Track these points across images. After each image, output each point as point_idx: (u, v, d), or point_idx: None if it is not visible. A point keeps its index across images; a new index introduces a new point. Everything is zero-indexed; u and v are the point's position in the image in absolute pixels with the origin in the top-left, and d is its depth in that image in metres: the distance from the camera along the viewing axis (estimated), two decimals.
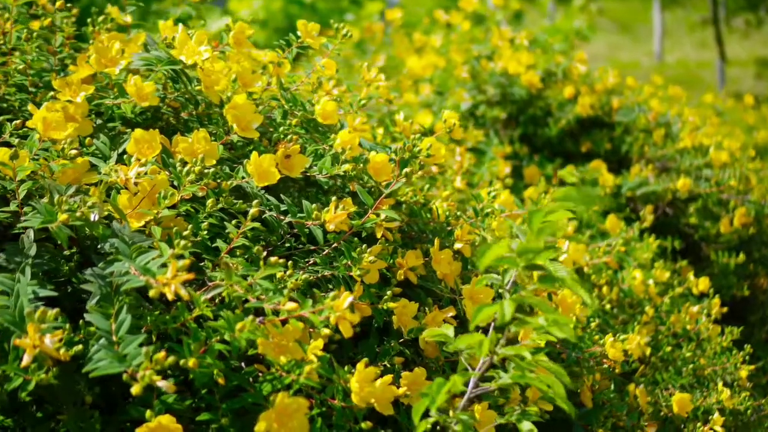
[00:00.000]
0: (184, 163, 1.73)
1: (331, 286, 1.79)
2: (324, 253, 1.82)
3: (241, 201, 1.72)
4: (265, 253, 1.55)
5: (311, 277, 1.76)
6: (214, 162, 1.79)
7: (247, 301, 1.52)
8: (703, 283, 3.45)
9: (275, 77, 2.06)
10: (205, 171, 1.71)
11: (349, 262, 1.76)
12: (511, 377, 1.57)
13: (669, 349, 2.91)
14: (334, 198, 1.77)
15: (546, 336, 1.55)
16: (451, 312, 1.94)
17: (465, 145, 3.67)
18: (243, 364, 1.62)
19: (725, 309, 3.51)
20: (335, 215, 1.74)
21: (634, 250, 3.31)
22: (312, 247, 1.84)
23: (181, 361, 1.44)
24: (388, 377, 1.67)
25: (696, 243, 3.98)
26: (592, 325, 2.49)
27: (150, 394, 1.52)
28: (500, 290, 1.56)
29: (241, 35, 2.00)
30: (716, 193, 3.77)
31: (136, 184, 1.67)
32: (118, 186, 1.66)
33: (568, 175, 1.25)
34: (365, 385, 1.56)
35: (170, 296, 1.36)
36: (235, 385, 1.55)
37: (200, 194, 1.71)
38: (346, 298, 1.56)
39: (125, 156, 1.74)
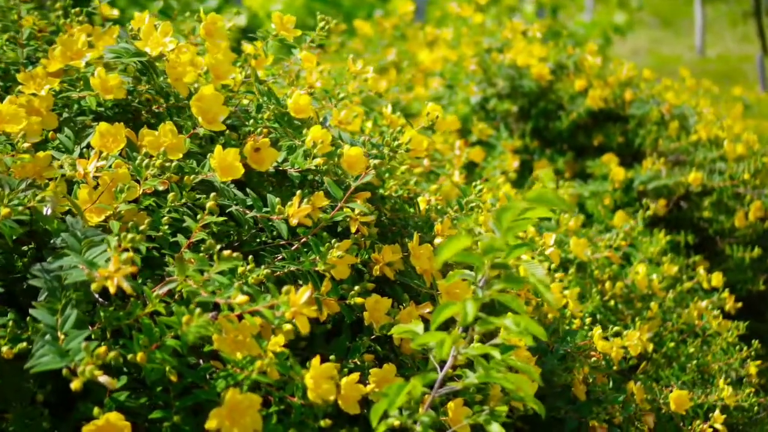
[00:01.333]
0: (150, 157, 1.70)
1: (301, 282, 1.75)
2: (293, 248, 1.78)
3: (204, 195, 1.69)
4: (218, 247, 1.52)
5: (279, 273, 1.72)
6: (181, 156, 1.76)
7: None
8: (716, 278, 3.39)
9: (252, 70, 2.02)
10: (167, 165, 1.67)
11: (317, 258, 1.72)
12: (477, 377, 1.53)
13: (672, 345, 2.85)
14: (298, 192, 1.73)
15: (524, 334, 1.50)
16: (428, 308, 1.89)
17: (469, 138, 3.63)
18: (202, 361, 1.58)
19: (740, 304, 3.46)
20: (298, 210, 1.70)
21: (642, 244, 3.25)
22: (282, 242, 1.80)
23: (129, 356, 1.41)
24: (355, 375, 1.63)
25: (711, 237, 3.91)
26: (587, 320, 2.44)
27: (103, 391, 1.49)
28: (473, 287, 1.52)
29: (212, 26, 1.97)
30: (729, 186, 3.69)
31: (95, 178, 1.64)
32: (80, 180, 1.64)
33: (546, 178, 1.20)
34: (322, 381, 1.52)
35: (112, 289, 1.33)
36: (190, 382, 1.52)
37: (161, 188, 1.68)
38: (304, 293, 1.53)
39: (88, 150, 1.71)
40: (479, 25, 4.40)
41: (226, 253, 1.50)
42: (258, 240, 1.81)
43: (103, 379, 1.32)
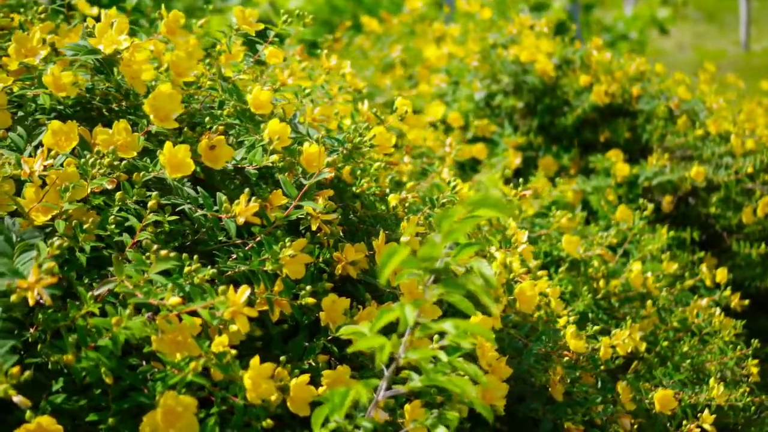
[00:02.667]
0: (103, 156, 1.68)
1: (255, 283, 1.73)
2: (248, 247, 1.76)
3: (156, 193, 1.67)
4: (155, 247, 1.49)
5: (231, 273, 1.70)
6: (135, 154, 1.74)
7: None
8: (721, 275, 3.32)
9: (216, 66, 2.00)
10: (116, 163, 1.66)
11: (268, 257, 1.69)
12: (420, 380, 1.49)
13: (666, 344, 2.80)
14: (246, 190, 1.70)
15: (465, 338, 1.47)
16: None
17: (466, 135, 3.59)
18: (145, 362, 1.56)
19: (747, 301, 3.40)
20: (246, 208, 1.68)
21: (643, 241, 3.19)
22: (238, 241, 1.78)
23: (53, 357, 1.40)
24: (305, 377, 1.61)
25: (718, 234, 3.84)
26: (572, 318, 2.40)
27: (40, 394, 1.48)
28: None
29: (174, 24, 1.95)
30: (734, 182, 3.62)
31: (41, 177, 1.63)
32: (26, 179, 1.62)
33: (491, 183, 1.17)
34: (261, 381, 1.49)
35: (31, 301, 1.32)
36: (128, 384, 1.50)
37: (110, 187, 1.66)
38: (243, 293, 1.51)
39: (39, 149, 1.69)
40: (488, 21, 4.35)
41: (163, 252, 1.48)
42: (217, 239, 1.78)
43: (17, 399, 1.31)
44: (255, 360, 1.49)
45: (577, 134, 4.04)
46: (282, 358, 1.65)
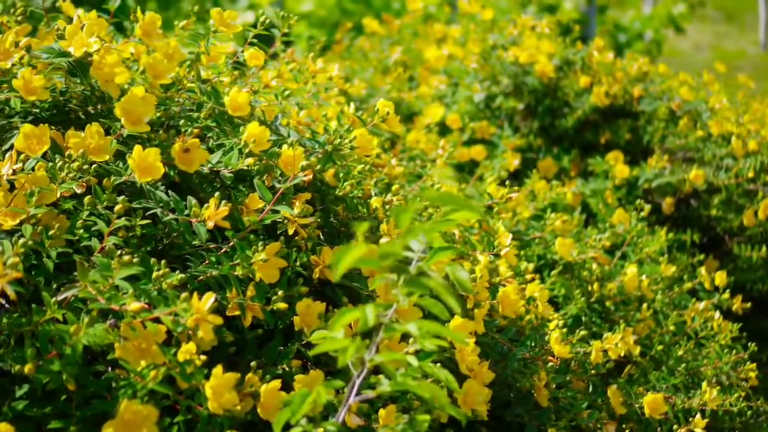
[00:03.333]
0: (74, 160, 1.67)
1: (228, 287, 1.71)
2: (221, 251, 1.74)
3: (123, 198, 1.65)
4: (118, 252, 1.48)
5: (203, 278, 1.68)
6: (107, 157, 1.72)
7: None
8: (720, 278, 3.29)
9: (195, 68, 1.98)
10: (85, 167, 1.64)
11: (238, 262, 1.68)
12: (389, 385, 1.47)
13: (661, 347, 2.77)
14: (216, 194, 1.69)
15: (435, 341, 1.44)
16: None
17: (461, 137, 3.56)
18: (111, 369, 1.54)
19: (748, 304, 3.37)
20: (215, 212, 1.66)
21: (639, 244, 3.16)
22: (212, 246, 1.76)
23: (16, 367, 1.38)
24: (276, 382, 1.59)
25: (719, 236, 3.80)
26: (560, 323, 2.37)
27: (3, 400, 1.46)
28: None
29: (150, 26, 1.93)
30: (734, 184, 3.59)
31: (10, 181, 1.61)
32: None
33: (442, 176, 1.14)
34: (223, 390, 1.47)
35: None
36: (92, 391, 1.49)
37: (79, 191, 1.64)
38: (207, 300, 1.49)
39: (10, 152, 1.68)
40: (489, 21, 4.32)
41: (126, 258, 1.47)
42: (191, 244, 1.77)
43: None
44: (217, 369, 1.47)
45: (578, 136, 4.01)
46: (253, 363, 1.63)
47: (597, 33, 12.46)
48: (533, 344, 2.16)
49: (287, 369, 1.73)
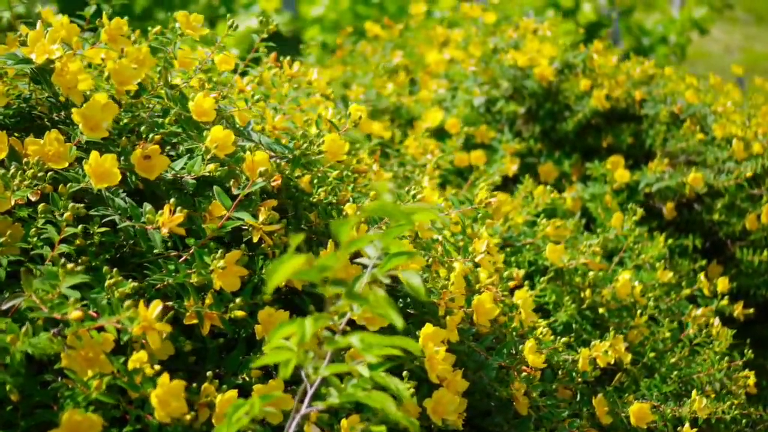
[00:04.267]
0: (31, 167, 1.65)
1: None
2: (181, 259, 1.72)
3: (73, 205, 1.63)
4: (63, 261, 1.46)
5: (160, 286, 1.66)
6: (66, 164, 1.71)
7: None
8: (722, 283, 3.23)
9: (164, 74, 1.96)
10: (40, 174, 1.62)
11: (194, 270, 1.65)
12: (338, 396, 1.44)
13: (653, 354, 2.72)
14: (172, 200, 1.66)
15: (370, 351, 1.41)
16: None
17: (451, 142, 3.53)
18: (60, 378, 1.52)
19: (751, 310, 3.32)
20: (170, 219, 1.64)
21: (636, 249, 3.11)
22: (173, 253, 1.74)
23: None
24: (232, 392, 1.57)
25: (722, 241, 3.75)
26: (545, 330, 2.34)
27: None
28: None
29: (116, 31, 1.91)
30: (733, 187, 3.53)
31: None
32: None
33: (381, 188, 1.11)
34: (171, 399, 1.45)
35: None
36: (37, 401, 1.46)
37: (34, 198, 1.63)
38: (155, 308, 1.46)
39: None
40: (492, 25, 4.29)
41: (70, 266, 1.45)
42: (152, 251, 1.74)
43: None
44: (164, 378, 1.45)
45: (579, 140, 3.97)
46: (209, 373, 1.60)
47: (621, 36, 12.41)
48: (510, 352, 2.12)
49: (247, 379, 1.71)
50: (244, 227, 1.82)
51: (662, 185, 3.58)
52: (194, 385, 1.59)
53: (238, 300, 1.67)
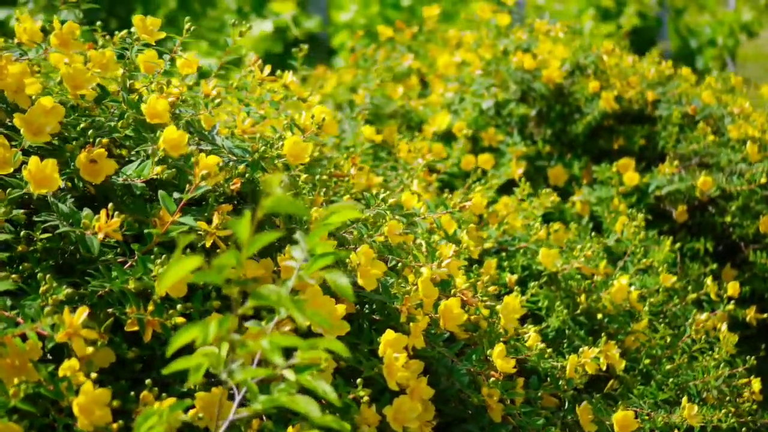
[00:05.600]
0: None
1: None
2: (127, 265, 1.69)
3: (22, 211, 1.61)
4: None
5: (102, 292, 1.64)
6: (11, 169, 1.69)
7: None
8: (733, 288, 3.16)
9: (123, 78, 1.94)
10: None
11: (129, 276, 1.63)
12: (260, 402, 1.41)
13: (648, 361, 2.66)
14: (111, 204, 1.64)
15: (277, 354, 1.37)
16: (288, 326, 1.77)
17: (459, 145, 3.48)
18: None
19: (765, 315, 3.25)
20: (107, 224, 1.61)
21: (639, 253, 3.04)
22: (120, 259, 1.71)
23: None
24: (171, 400, 1.54)
25: (735, 244, 3.66)
26: (532, 336, 2.29)
27: None
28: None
29: (68, 36, 1.90)
30: (747, 191, 3.44)
31: None
32: None
33: (273, 183, 1.07)
34: (95, 408, 1.42)
35: None
36: None
37: None
38: (81, 314, 1.44)
39: None
40: (505, 27, 4.22)
41: (2, 274, 1.43)
42: (101, 258, 1.72)
43: None
44: (87, 385, 1.42)
45: (591, 142, 3.90)
46: (147, 381, 1.58)
47: (669, 38, 12.26)
48: (480, 358, 2.07)
49: (192, 386, 1.68)
50: (199, 232, 1.79)
51: (672, 188, 3.50)
52: (132, 393, 1.57)
53: (179, 306, 1.64)
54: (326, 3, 8.04)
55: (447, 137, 3.73)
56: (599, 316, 2.77)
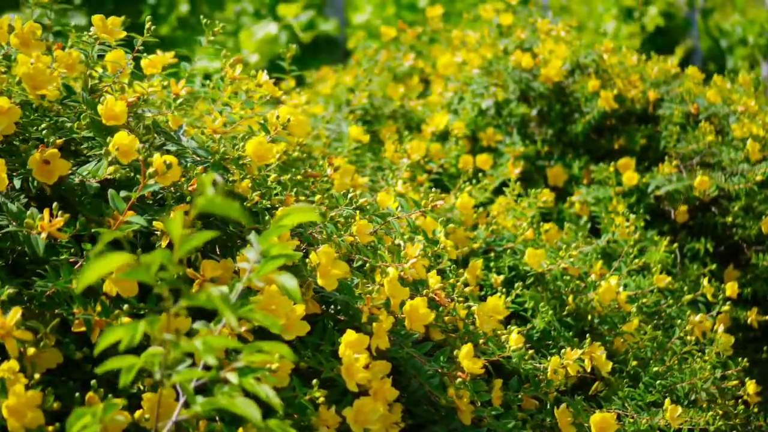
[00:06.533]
0: None
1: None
2: (78, 265, 1.68)
3: None
4: None
5: (50, 292, 1.62)
6: None
7: None
8: (731, 289, 3.11)
9: (85, 79, 1.93)
10: None
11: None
12: (200, 404, 1.39)
13: (635, 363, 2.61)
14: (56, 204, 1.63)
15: (210, 354, 1.35)
16: (245, 326, 1.75)
17: (454, 145, 3.45)
18: None
19: (766, 317, 3.21)
20: (51, 223, 1.60)
21: (633, 252, 3.00)
22: (72, 259, 1.70)
23: None
24: (119, 401, 1.52)
25: (737, 245, 3.60)
26: (515, 337, 2.25)
27: None
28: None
29: (29, 35, 1.89)
30: (743, 190, 3.39)
31: None
32: None
33: (206, 181, 1.05)
34: (27, 410, 1.41)
35: None
36: None
37: None
38: (15, 315, 1.43)
39: None
40: (505, 26, 4.18)
41: None
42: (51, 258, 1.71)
43: None
44: (18, 387, 1.40)
45: (592, 142, 3.86)
46: (93, 382, 1.56)
47: (699, 38, 12.15)
48: (449, 359, 2.04)
49: (141, 387, 1.66)
50: (155, 232, 1.78)
51: (670, 188, 3.45)
52: (78, 394, 1.56)
53: (125, 306, 1.63)
54: (343, 5, 8.03)
55: (446, 137, 3.71)
56: (589, 317, 2.73)
